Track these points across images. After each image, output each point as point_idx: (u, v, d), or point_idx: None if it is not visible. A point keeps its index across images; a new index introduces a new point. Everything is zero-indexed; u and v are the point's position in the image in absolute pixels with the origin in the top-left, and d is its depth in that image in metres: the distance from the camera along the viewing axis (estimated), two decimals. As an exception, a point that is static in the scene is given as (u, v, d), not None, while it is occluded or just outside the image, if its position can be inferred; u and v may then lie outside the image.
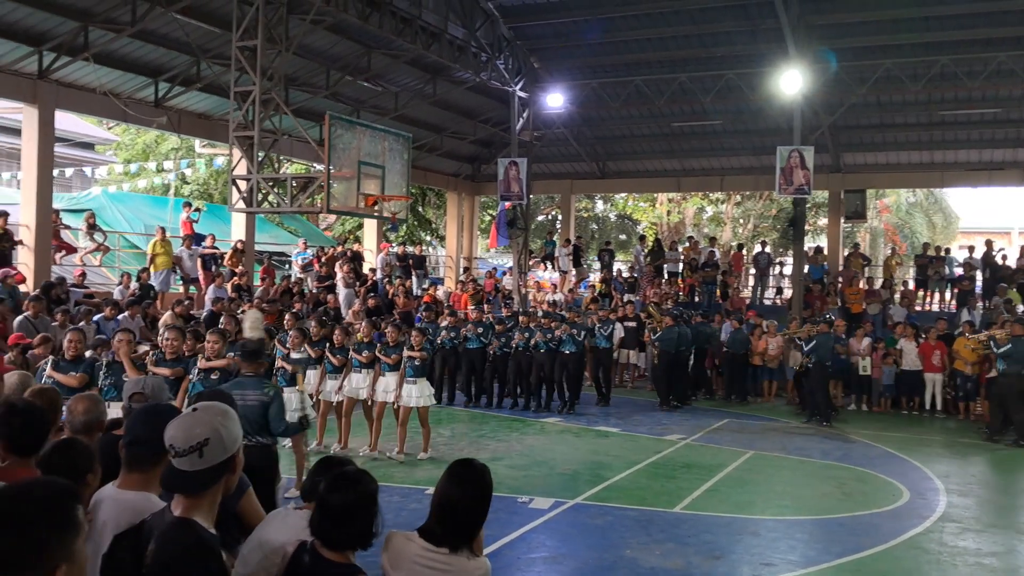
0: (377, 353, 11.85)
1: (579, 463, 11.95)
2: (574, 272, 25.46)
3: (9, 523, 1.93)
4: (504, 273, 26.21)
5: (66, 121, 22.71)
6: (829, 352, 16.09)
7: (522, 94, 22.41)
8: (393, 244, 24.46)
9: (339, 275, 20.90)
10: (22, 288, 14.40)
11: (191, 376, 8.88)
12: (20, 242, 15.55)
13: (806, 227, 22.49)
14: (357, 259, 22.50)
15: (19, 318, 12.59)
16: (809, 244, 27.52)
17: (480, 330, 16.44)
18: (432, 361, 15.84)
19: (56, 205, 17.71)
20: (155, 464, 3.17)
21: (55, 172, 18.03)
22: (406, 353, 11.67)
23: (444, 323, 16.81)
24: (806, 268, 21.67)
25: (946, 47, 19.19)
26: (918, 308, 21.34)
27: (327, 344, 12.12)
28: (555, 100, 22.66)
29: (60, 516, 1.99)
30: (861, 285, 21.60)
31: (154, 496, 3.19)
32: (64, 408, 4.55)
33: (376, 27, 16.79)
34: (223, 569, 2.81)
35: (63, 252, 17.29)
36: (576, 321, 16.56)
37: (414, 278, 23.32)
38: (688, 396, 17.82)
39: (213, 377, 8.48)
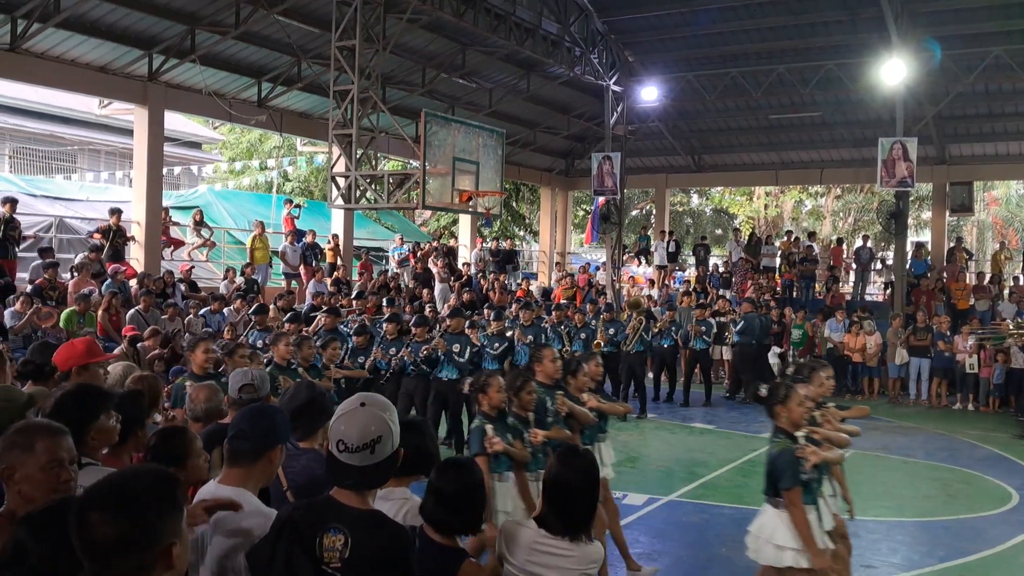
0: None
1: (673, 460, 11.90)
2: (669, 267, 25.25)
3: (123, 507, 2.06)
4: (597, 268, 26.14)
5: (174, 121, 23.52)
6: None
7: (616, 88, 22.30)
8: (487, 239, 24.64)
9: (434, 270, 21.21)
10: (132, 283, 15.03)
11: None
12: (132, 238, 16.21)
13: (908, 221, 21.71)
14: (451, 254, 22.78)
15: (131, 311, 13.14)
16: (911, 239, 26.65)
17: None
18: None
19: (165, 202, 18.38)
20: (255, 459, 3.25)
21: (164, 170, 18.74)
22: None
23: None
24: (908, 263, 21.05)
25: (1062, 32, 18.34)
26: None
27: None
28: (650, 94, 22.45)
29: (167, 499, 2.13)
30: (968, 280, 20.86)
31: (249, 493, 3.21)
32: (187, 396, 4.81)
33: (471, 24, 16.97)
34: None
35: (172, 247, 17.96)
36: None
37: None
38: None
39: None
